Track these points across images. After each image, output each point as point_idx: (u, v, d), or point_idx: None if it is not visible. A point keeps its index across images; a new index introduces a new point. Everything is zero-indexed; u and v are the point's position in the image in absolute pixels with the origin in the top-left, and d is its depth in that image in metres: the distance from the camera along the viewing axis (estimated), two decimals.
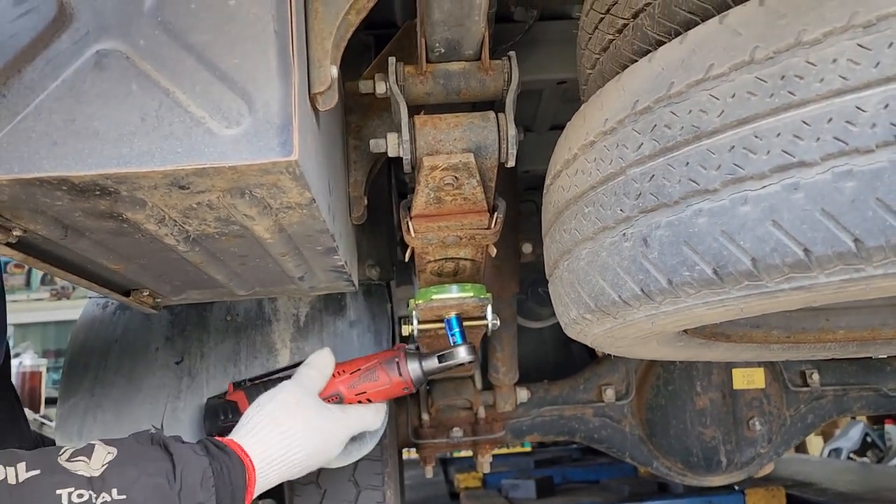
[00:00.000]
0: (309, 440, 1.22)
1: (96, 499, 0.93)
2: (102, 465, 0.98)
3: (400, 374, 1.36)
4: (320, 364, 1.36)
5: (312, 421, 1.24)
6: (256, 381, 1.46)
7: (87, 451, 1.00)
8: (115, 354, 1.61)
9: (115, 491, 0.95)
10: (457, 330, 1.39)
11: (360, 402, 1.36)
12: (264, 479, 1.16)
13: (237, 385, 1.46)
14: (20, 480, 0.92)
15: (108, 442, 1.03)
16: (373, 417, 1.37)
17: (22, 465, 0.94)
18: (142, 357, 1.62)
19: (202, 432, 1.50)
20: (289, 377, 1.35)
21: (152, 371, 1.60)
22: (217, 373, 1.61)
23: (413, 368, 1.36)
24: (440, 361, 1.37)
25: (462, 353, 1.36)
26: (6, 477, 0.91)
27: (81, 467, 0.97)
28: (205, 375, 1.60)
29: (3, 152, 0.76)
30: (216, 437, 1.16)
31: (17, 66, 0.78)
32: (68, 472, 0.95)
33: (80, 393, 1.55)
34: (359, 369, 1.37)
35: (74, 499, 0.92)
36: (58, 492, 0.92)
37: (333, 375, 1.36)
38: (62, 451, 0.99)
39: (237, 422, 1.27)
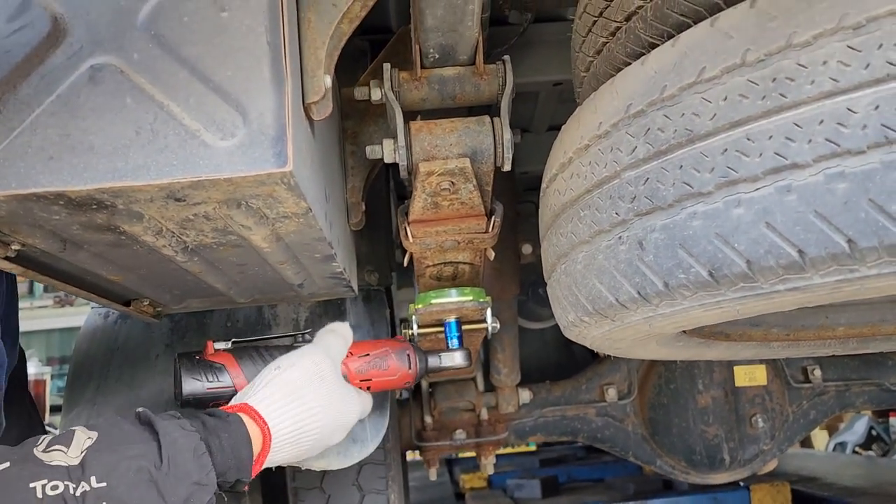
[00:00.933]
0: (325, 420, 1.13)
1: (75, 489, 0.85)
2: (81, 452, 0.89)
3: (409, 367, 1.31)
4: (344, 332, 1.27)
5: (333, 400, 1.15)
6: (241, 343, 1.29)
7: (66, 438, 0.91)
8: (116, 363, 1.61)
9: (93, 479, 0.86)
10: (455, 334, 1.39)
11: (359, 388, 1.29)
12: (277, 451, 1.07)
13: (217, 342, 1.28)
14: None
15: (90, 427, 0.94)
16: (369, 405, 1.29)
17: None
18: (143, 365, 1.62)
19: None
20: (284, 346, 1.27)
21: (153, 378, 1.61)
22: None
23: (420, 363, 1.33)
24: (439, 362, 1.36)
25: (457, 358, 1.36)
26: None
27: (58, 457, 0.88)
28: None
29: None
30: (221, 407, 1.07)
31: (12, 81, 0.78)
32: (42, 464, 0.87)
33: (82, 403, 1.56)
34: (368, 354, 1.30)
35: (49, 491, 0.84)
36: (31, 485, 0.84)
37: (346, 354, 1.28)
38: (40, 440, 0.91)
39: (226, 387, 1.18)
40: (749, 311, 0.85)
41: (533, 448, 5.24)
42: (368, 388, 1.30)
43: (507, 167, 1.16)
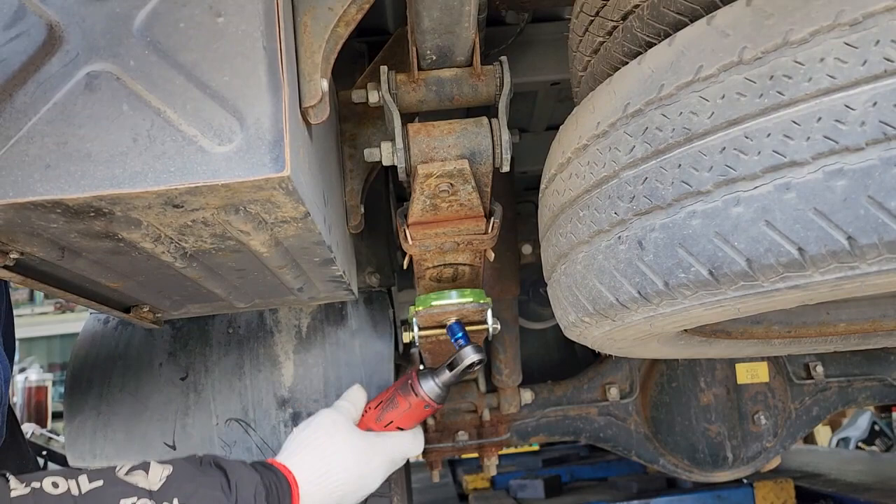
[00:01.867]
0: (348, 461, 1.26)
1: None
2: (160, 480, 1.02)
3: (416, 394, 1.37)
4: (353, 397, 1.40)
5: (350, 442, 1.28)
6: None
7: (144, 467, 1.04)
8: (118, 371, 1.61)
9: (175, 501, 0.99)
10: (460, 334, 1.39)
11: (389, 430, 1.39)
12: (308, 499, 1.20)
13: None
14: (83, 492, 0.95)
15: (161, 461, 1.07)
16: (410, 443, 1.40)
17: (84, 478, 0.97)
18: (146, 373, 1.62)
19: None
20: None
21: (158, 387, 1.61)
22: (223, 387, 1.61)
23: (428, 386, 1.37)
24: (451, 369, 1.37)
25: (470, 354, 1.36)
26: (69, 489, 0.95)
27: (141, 480, 1.01)
28: (210, 391, 1.61)
29: None
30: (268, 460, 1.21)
31: (8, 90, 0.78)
32: (129, 484, 0.99)
33: (85, 411, 1.55)
34: (381, 402, 1.40)
35: None
36: (122, 501, 0.96)
37: (363, 411, 1.40)
38: (119, 467, 1.03)
39: None
40: (750, 309, 0.85)
41: (535, 448, 5.23)
42: (400, 428, 1.39)
43: (506, 168, 1.16)
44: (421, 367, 1.44)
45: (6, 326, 1.34)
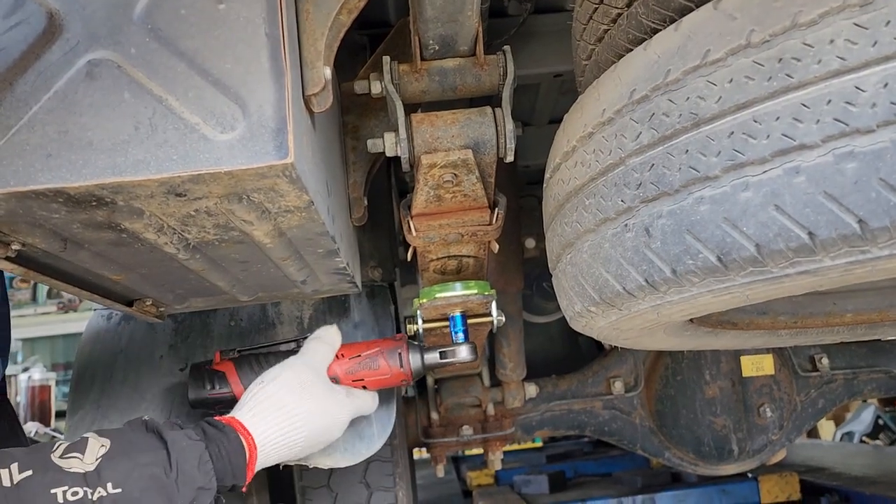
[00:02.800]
0: (312, 421, 1.21)
1: (92, 494, 0.93)
2: (96, 459, 0.97)
3: (401, 365, 1.34)
4: (329, 339, 1.33)
5: (318, 402, 1.22)
6: (246, 352, 1.40)
7: (81, 445, 0.99)
8: (120, 365, 1.61)
9: (110, 485, 0.94)
10: (460, 328, 1.38)
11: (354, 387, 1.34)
12: (265, 458, 1.16)
13: (224, 354, 1.40)
14: (15, 482, 0.92)
15: (101, 433, 1.02)
16: (371, 403, 1.36)
17: (15, 466, 0.93)
18: (147, 366, 1.61)
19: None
20: (283, 352, 1.34)
21: (157, 379, 1.60)
22: None
23: (414, 360, 1.35)
24: (441, 357, 1.36)
25: (463, 352, 1.35)
26: (1, 479, 0.91)
27: (75, 464, 0.96)
28: None
29: None
30: (216, 417, 1.15)
31: (8, 79, 0.78)
32: (62, 471, 0.94)
33: (87, 405, 1.55)
34: (359, 355, 1.34)
35: (69, 497, 0.92)
36: (52, 491, 0.92)
37: (335, 356, 1.33)
38: (55, 446, 0.98)
39: (225, 392, 1.29)
40: (759, 296, 0.84)
41: (539, 444, 5.24)
42: (364, 387, 1.34)
43: (510, 158, 1.15)
44: (410, 338, 1.41)
45: (2, 327, 1.34)
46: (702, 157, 0.79)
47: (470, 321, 1.41)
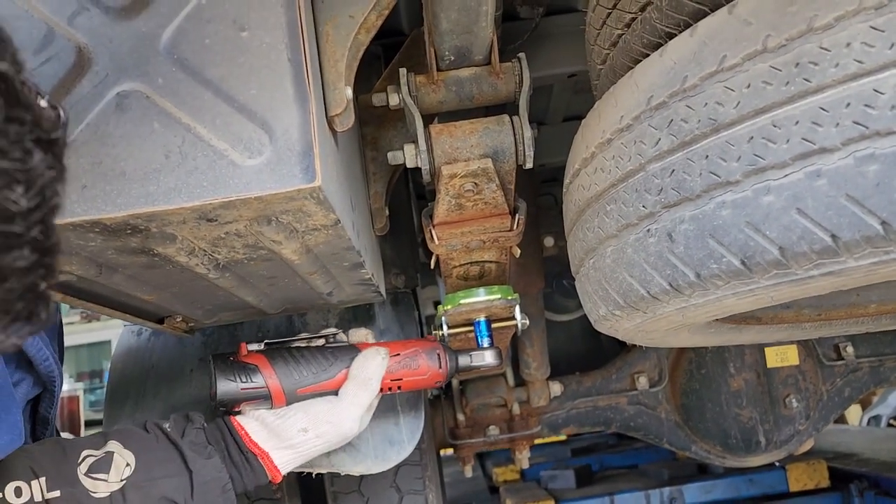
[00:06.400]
0: (335, 443, 1.24)
1: None
2: (121, 480, 1.02)
3: (440, 366, 1.32)
4: (374, 380, 1.26)
5: (350, 412, 1.23)
6: (277, 344, 1.33)
7: (106, 463, 1.03)
8: (152, 380, 1.64)
9: None
10: (486, 333, 1.39)
11: (390, 389, 1.31)
12: (288, 466, 1.21)
13: (250, 344, 1.31)
14: (44, 499, 0.97)
15: (126, 442, 1.07)
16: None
17: (43, 482, 0.98)
18: (178, 380, 1.64)
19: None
20: (316, 347, 1.31)
21: (188, 392, 1.63)
22: None
23: (452, 366, 1.34)
24: (471, 361, 1.36)
25: (488, 357, 1.36)
26: (32, 496, 0.96)
27: (101, 487, 1.00)
28: None
29: None
30: (249, 440, 1.17)
31: None
32: (88, 495, 0.99)
33: (122, 420, 1.58)
34: (398, 353, 1.31)
35: None
36: None
37: None
38: (81, 458, 1.02)
39: (259, 387, 1.21)
40: (783, 297, 0.85)
41: (563, 438, 5.24)
42: (399, 388, 1.32)
43: (529, 164, 1.16)
44: (441, 341, 1.40)
45: (60, 333, 1.37)
46: (722, 163, 0.80)
47: (494, 325, 1.43)
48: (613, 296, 1.01)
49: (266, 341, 1.32)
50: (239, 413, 1.25)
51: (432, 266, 1.37)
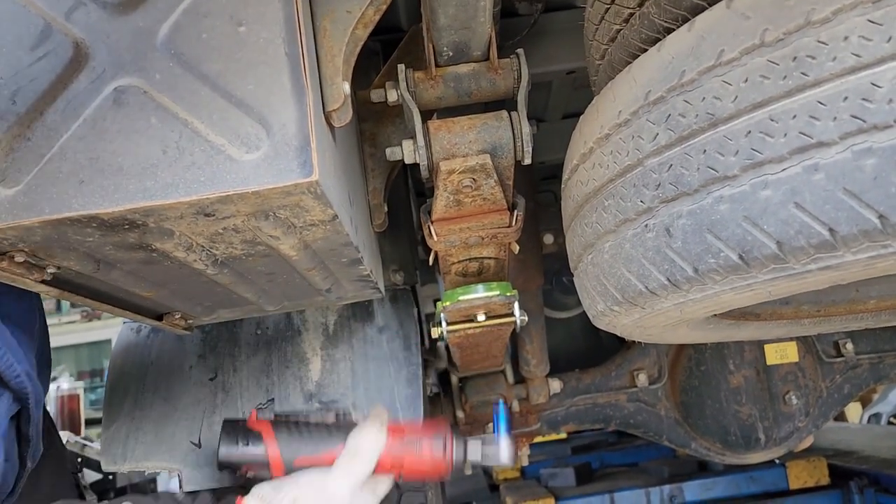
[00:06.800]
0: None
1: None
2: None
3: (444, 454, 1.26)
4: (367, 451, 1.22)
5: (335, 501, 1.19)
6: (284, 419, 1.34)
7: None
8: (151, 377, 1.64)
9: None
10: (504, 421, 1.32)
11: (392, 470, 1.26)
12: None
13: (261, 412, 1.34)
14: None
15: None
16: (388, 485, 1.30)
17: None
18: (177, 377, 1.64)
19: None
20: (325, 425, 1.29)
21: (187, 389, 1.63)
22: (250, 385, 1.63)
23: (458, 456, 1.27)
24: (482, 455, 1.28)
25: (503, 456, 1.29)
26: None
27: None
28: (238, 388, 1.63)
29: (32, 194, 0.78)
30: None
31: (39, 109, 0.80)
32: None
33: (121, 417, 1.58)
34: (402, 433, 1.27)
35: None
36: None
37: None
38: None
39: (258, 453, 1.24)
40: (781, 291, 0.85)
41: (563, 436, 5.24)
42: (400, 476, 1.28)
43: (528, 160, 1.16)
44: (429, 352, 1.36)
45: (42, 345, 1.37)
46: (720, 157, 0.80)
47: (493, 321, 1.43)
48: (611, 291, 1.01)
49: (276, 413, 1.36)
50: (242, 476, 1.28)
51: (431, 262, 1.37)
